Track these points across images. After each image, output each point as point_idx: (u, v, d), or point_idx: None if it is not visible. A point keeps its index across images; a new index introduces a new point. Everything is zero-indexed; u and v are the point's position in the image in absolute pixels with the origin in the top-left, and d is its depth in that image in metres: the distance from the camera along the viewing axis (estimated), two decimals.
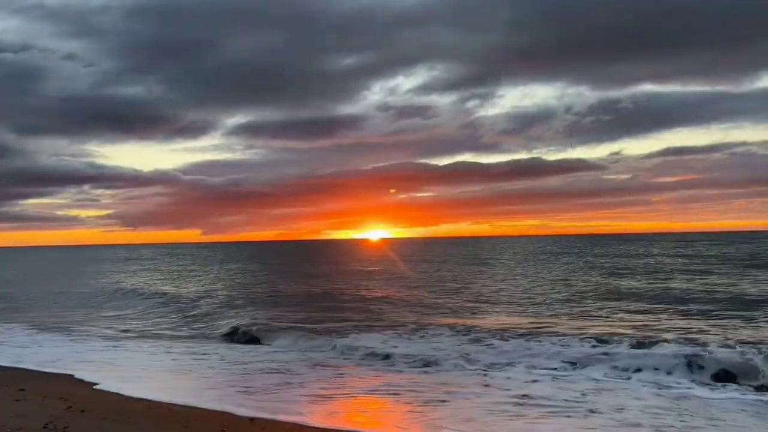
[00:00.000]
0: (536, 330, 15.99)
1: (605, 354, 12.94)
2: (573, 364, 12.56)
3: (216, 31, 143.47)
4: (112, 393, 10.62)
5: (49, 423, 8.17)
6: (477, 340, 15.09)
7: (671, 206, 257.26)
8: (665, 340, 13.83)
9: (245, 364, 13.60)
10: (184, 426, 8.38)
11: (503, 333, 15.63)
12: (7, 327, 20.80)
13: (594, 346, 13.68)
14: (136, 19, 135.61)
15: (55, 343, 17.32)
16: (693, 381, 11.19)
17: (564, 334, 15.12)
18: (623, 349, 13.26)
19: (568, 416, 9.00)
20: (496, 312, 20.35)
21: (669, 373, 11.67)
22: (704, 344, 13.10)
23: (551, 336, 14.95)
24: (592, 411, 9.24)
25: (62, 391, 10.46)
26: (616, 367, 12.16)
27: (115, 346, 16.50)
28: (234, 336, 18.19)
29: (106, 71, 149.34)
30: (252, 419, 8.80)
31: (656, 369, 11.86)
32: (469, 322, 18.03)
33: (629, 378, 11.61)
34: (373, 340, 15.63)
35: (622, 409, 9.34)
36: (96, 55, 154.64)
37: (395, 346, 14.87)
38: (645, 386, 10.89)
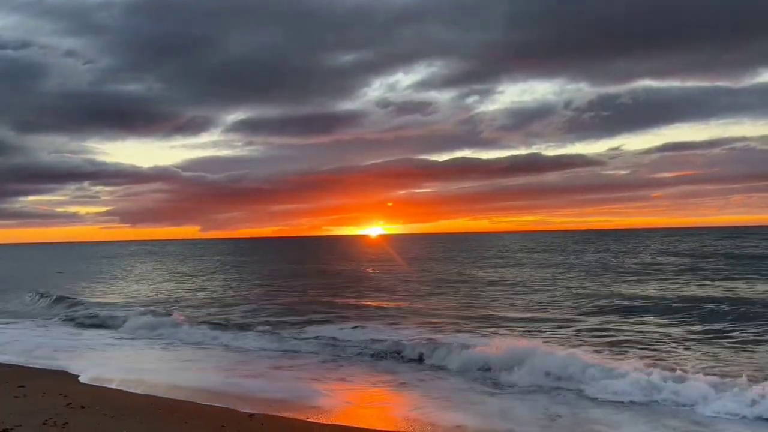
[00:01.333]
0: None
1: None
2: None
3: (215, 28, 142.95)
4: (113, 389, 10.70)
5: (49, 419, 8.23)
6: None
7: (670, 201, 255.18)
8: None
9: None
10: (185, 422, 8.46)
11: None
12: None
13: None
14: (135, 16, 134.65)
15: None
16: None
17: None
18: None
19: None
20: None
21: None
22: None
23: None
24: None
25: (62, 387, 10.51)
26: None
27: None
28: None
29: (105, 68, 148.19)
30: (251, 415, 8.91)
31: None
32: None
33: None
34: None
35: None
36: (96, 52, 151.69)
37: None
38: None
